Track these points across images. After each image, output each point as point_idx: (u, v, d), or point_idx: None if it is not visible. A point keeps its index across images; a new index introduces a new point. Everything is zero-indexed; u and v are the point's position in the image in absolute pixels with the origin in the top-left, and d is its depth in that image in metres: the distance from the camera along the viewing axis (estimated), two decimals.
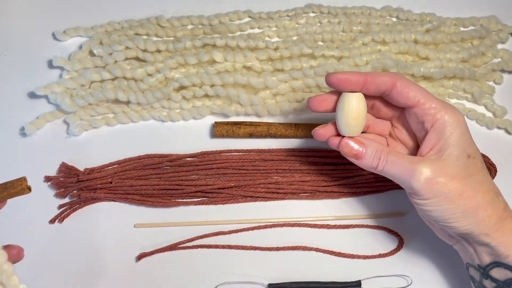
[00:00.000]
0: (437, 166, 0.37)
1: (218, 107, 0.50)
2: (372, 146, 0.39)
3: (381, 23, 0.54)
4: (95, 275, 0.46)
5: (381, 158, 0.38)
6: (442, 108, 0.37)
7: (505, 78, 0.54)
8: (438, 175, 0.36)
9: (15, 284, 0.31)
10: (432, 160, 0.37)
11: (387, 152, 0.39)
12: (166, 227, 0.48)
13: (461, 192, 0.36)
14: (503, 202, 0.38)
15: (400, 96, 0.38)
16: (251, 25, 0.54)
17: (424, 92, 0.38)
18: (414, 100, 0.38)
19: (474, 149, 0.38)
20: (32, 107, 0.51)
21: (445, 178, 0.36)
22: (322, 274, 0.47)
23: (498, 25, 0.55)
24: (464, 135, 0.38)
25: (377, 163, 0.39)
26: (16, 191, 0.32)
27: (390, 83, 0.38)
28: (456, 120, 0.37)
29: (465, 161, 0.37)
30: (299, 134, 0.50)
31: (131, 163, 0.49)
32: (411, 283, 0.46)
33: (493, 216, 0.37)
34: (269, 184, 0.49)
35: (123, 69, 0.50)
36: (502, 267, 0.37)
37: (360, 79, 0.38)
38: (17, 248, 0.34)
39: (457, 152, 0.37)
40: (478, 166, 0.38)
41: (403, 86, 0.38)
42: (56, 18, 0.54)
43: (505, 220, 0.37)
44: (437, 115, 0.37)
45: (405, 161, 0.38)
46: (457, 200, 0.36)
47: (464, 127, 0.38)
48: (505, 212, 0.37)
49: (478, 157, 0.38)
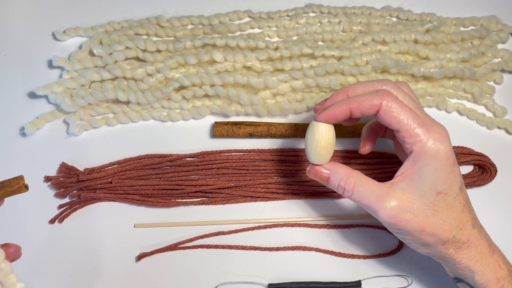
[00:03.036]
0: (403, 201, 0.36)
1: (218, 107, 0.50)
2: (337, 173, 0.38)
3: (381, 23, 0.54)
4: (95, 275, 0.46)
5: (346, 188, 0.38)
6: (425, 137, 0.36)
7: (505, 78, 0.54)
8: (402, 211, 0.36)
9: (12, 283, 0.31)
10: (398, 193, 0.36)
11: (353, 182, 0.38)
12: (166, 227, 0.48)
13: (422, 229, 0.36)
14: (466, 234, 0.37)
15: (384, 119, 0.37)
16: (251, 25, 0.54)
17: (410, 116, 0.36)
18: (397, 125, 0.36)
19: (449, 184, 0.37)
20: (32, 107, 0.51)
21: (409, 215, 0.36)
22: (322, 274, 0.47)
23: (498, 25, 0.55)
24: (439, 171, 0.36)
25: (342, 191, 0.38)
26: (13, 189, 0.32)
27: (376, 107, 0.37)
28: (434, 153, 0.36)
29: (432, 199, 0.36)
30: (299, 134, 0.50)
31: (131, 163, 0.49)
32: (411, 283, 0.46)
33: (451, 249, 0.38)
34: (269, 184, 0.49)
35: (123, 69, 0.50)
36: (465, 283, 0.39)
37: (345, 110, 0.37)
38: (15, 247, 0.35)
39: (425, 188, 0.36)
40: (448, 202, 0.37)
41: (387, 109, 0.36)
42: (56, 18, 0.54)
43: (464, 250, 0.38)
44: (417, 144, 0.36)
45: (372, 193, 0.37)
46: (418, 235, 0.37)
47: (442, 162, 0.36)
48: (465, 244, 0.38)
49: (450, 192, 0.37)
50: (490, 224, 0.48)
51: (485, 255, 0.38)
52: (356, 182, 0.38)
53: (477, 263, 0.37)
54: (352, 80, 0.50)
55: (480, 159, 0.49)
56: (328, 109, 0.38)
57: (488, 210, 0.49)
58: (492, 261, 0.38)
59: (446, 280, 0.47)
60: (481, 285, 0.38)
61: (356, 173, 0.38)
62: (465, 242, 0.37)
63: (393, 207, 0.36)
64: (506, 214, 0.49)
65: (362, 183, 0.38)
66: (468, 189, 0.49)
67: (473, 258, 0.38)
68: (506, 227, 0.49)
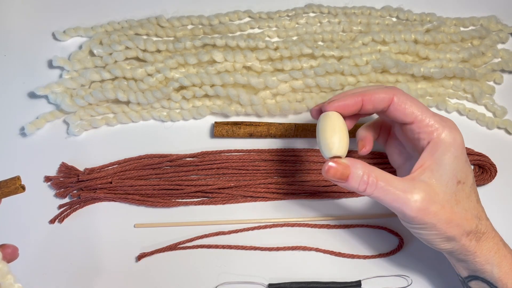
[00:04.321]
0: (428, 193, 0.35)
1: (218, 107, 0.50)
2: (357, 168, 0.35)
3: (381, 23, 0.54)
4: (95, 275, 0.46)
5: (369, 183, 0.35)
6: (440, 126, 0.36)
7: (505, 78, 0.54)
8: (429, 203, 0.35)
9: (10, 283, 0.31)
10: (422, 185, 0.35)
11: (376, 176, 0.35)
12: (166, 227, 0.48)
13: (450, 221, 0.36)
14: (485, 224, 0.38)
15: (397, 112, 0.37)
16: (251, 25, 0.54)
17: (422, 108, 0.37)
18: (412, 117, 0.37)
19: (466, 173, 0.37)
20: (32, 107, 0.51)
21: (436, 206, 0.35)
22: (322, 274, 0.47)
23: (498, 25, 0.55)
24: (458, 158, 0.36)
25: (365, 187, 0.35)
26: (10, 190, 0.32)
27: (388, 100, 0.37)
28: (452, 140, 0.36)
29: (454, 188, 0.36)
30: (299, 134, 0.50)
31: (131, 163, 0.49)
32: (411, 283, 0.46)
33: (473, 241, 0.37)
34: (269, 184, 0.49)
35: (123, 69, 0.50)
36: (479, 280, 0.39)
37: (358, 101, 0.37)
38: (12, 247, 0.34)
39: (447, 177, 0.36)
40: (466, 192, 0.37)
41: (400, 101, 0.37)
42: (56, 18, 0.54)
43: (484, 241, 0.38)
44: (434, 133, 0.36)
45: (396, 188, 0.35)
46: (445, 228, 0.36)
47: (459, 150, 0.36)
48: (484, 234, 0.38)
49: (467, 181, 0.37)
50: None
51: (501, 246, 0.38)
52: (379, 176, 0.35)
53: (496, 254, 0.37)
54: (352, 80, 0.50)
55: (480, 159, 0.49)
56: (339, 99, 0.37)
57: (488, 210, 0.49)
58: (506, 253, 0.38)
59: (446, 280, 0.47)
60: (498, 279, 0.37)
61: (376, 168, 0.36)
62: (485, 232, 0.37)
63: (421, 199, 0.35)
64: (506, 214, 0.49)
65: (385, 177, 0.36)
66: None
67: (492, 249, 0.37)
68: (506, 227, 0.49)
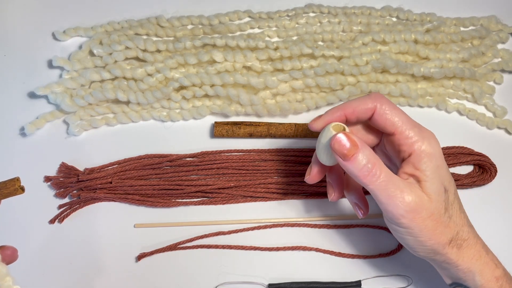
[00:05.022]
0: (421, 198, 0.35)
1: (218, 107, 0.50)
2: (365, 153, 0.34)
3: (381, 23, 0.54)
4: (95, 275, 0.46)
5: (372, 173, 0.34)
6: (419, 138, 0.36)
7: (505, 78, 0.54)
8: (421, 208, 0.35)
9: (8, 285, 0.30)
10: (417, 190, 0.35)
11: (380, 168, 0.34)
12: (166, 227, 0.48)
13: (435, 228, 0.36)
14: (466, 231, 0.38)
15: (379, 123, 0.37)
16: (251, 25, 0.54)
17: (403, 119, 0.36)
18: (392, 128, 0.36)
19: (449, 181, 0.37)
20: (32, 107, 0.51)
21: (426, 212, 0.35)
22: (322, 274, 0.47)
23: (498, 25, 0.55)
24: (440, 168, 0.36)
25: (366, 175, 0.34)
26: (9, 191, 0.32)
27: (370, 110, 0.37)
28: (432, 151, 0.36)
29: (443, 196, 0.36)
30: (299, 134, 0.50)
31: (131, 163, 0.49)
32: (411, 283, 0.46)
33: (455, 248, 0.37)
34: (269, 184, 0.49)
35: (123, 69, 0.50)
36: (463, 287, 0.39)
37: (341, 115, 0.37)
38: (11, 249, 0.34)
39: (436, 186, 0.36)
40: (451, 199, 0.37)
41: (381, 112, 0.37)
42: (56, 18, 0.54)
43: (465, 249, 0.38)
44: (414, 145, 0.36)
45: (394, 184, 0.35)
46: (429, 235, 0.36)
47: (440, 159, 0.36)
48: (466, 241, 0.38)
49: (451, 189, 0.37)
50: (489, 224, 0.48)
51: (483, 254, 0.38)
52: (382, 169, 0.35)
53: (477, 262, 0.37)
54: (352, 80, 0.50)
55: (480, 159, 0.49)
56: (325, 115, 0.38)
57: (488, 210, 0.49)
58: (488, 260, 0.38)
59: None
60: (481, 286, 0.38)
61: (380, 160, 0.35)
62: (466, 239, 0.37)
63: (414, 201, 0.35)
64: (506, 214, 0.49)
65: (387, 171, 0.35)
66: (468, 189, 0.50)
67: (474, 256, 0.38)
68: (506, 227, 0.49)
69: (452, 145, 0.50)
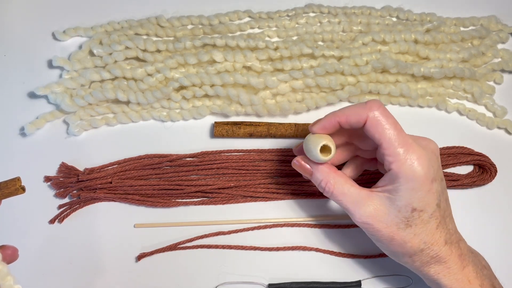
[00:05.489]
0: (378, 211, 0.38)
1: (218, 107, 0.50)
2: (319, 172, 0.40)
3: (381, 23, 0.54)
4: (95, 275, 0.46)
5: (326, 189, 0.40)
6: (403, 158, 0.36)
7: (505, 78, 0.54)
8: (376, 220, 0.38)
9: (9, 285, 0.30)
10: (376, 202, 0.38)
11: (333, 183, 0.39)
12: (166, 227, 0.48)
13: (391, 239, 0.38)
14: (436, 250, 0.38)
15: (369, 132, 0.38)
16: (251, 25, 0.54)
17: (392, 135, 0.37)
18: (378, 141, 0.37)
19: (425, 203, 0.37)
20: (32, 107, 0.51)
21: (381, 224, 0.38)
22: (322, 274, 0.47)
23: (498, 25, 0.55)
24: (415, 190, 0.37)
25: (322, 191, 0.40)
26: (10, 191, 0.32)
27: (362, 120, 0.37)
28: (411, 174, 0.36)
29: (407, 214, 0.37)
30: (299, 134, 0.50)
31: (131, 163, 0.49)
32: (411, 283, 0.46)
33: (417, 262, 0.39)
34: (269, 184, 0.49)
35: (123, 69, 0.50)
36: None
37: (334, 122, 0.39)
38: (12, 249, 0.34)
39: (401, 204, 0.37)
40: (423, 219, 0.37)
41: (371, 124, 0.37)
42: (56, 18, 0.54)
43: (431, 264, 0.39)
44: (394, 164, 0.37)
45: (350, 196, 0.39)
46: (387, 243, 0.39)
47: (418, 182, 0.36)
48: (433, 258, 0.38)
49: (427, 210, 0.37)
50: (489, 224, 0.49)
51: (453, 271, 0.38)
52: (336, 184, 0.39)
53: (444, 278, 0.38)
54: (352, 80, 0.50)
55: (480, 159, 0.49)
56: (319, 122, 0.40)
57: (488, 210, 0.49)
58: (461, 276, 0.38)
59: None
60: None
61: (338, 175, 0.40)
62: (434, 257, 0.38)
63: (368, 214, 0.38)
64: (506, 214, 0.49)
65: (342, 185, 0.39)
66: (468, 189, 0.50)
67: (440, 272, 0.38)
68: (506, 227, 0.49)
69: (452, 145, 0.50)
